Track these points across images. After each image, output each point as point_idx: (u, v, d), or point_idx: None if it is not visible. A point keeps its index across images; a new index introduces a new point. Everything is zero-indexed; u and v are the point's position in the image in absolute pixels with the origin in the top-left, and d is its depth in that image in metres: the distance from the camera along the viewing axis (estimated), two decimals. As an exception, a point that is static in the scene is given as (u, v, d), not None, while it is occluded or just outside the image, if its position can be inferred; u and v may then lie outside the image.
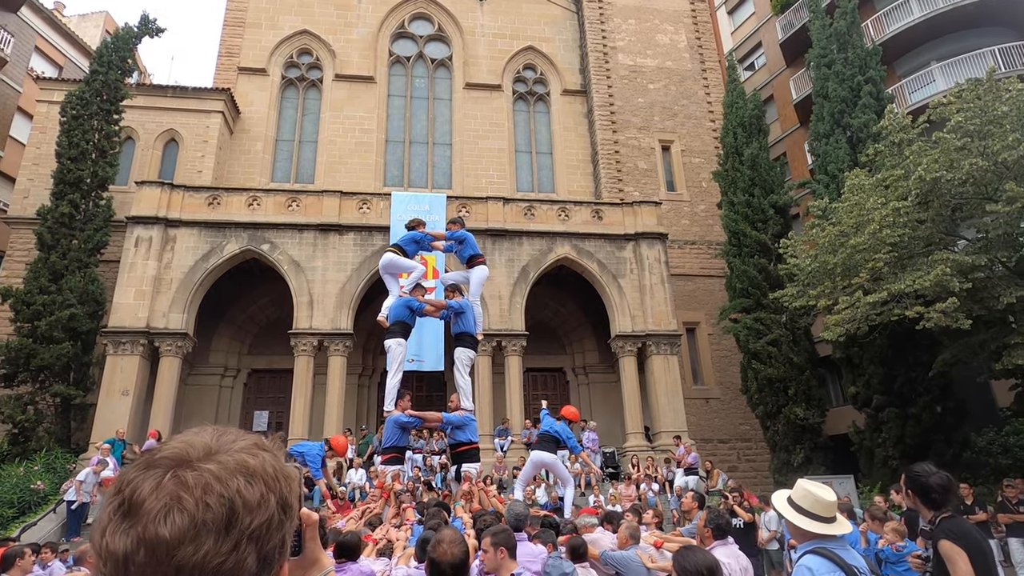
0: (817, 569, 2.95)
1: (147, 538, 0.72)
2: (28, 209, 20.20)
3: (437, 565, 3.03)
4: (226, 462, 0.80)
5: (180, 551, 0.72)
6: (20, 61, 25.09)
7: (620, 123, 25.93)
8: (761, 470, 20.90)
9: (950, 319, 12.17)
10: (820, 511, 3.22)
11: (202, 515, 0.74)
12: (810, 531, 3.18)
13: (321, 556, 1.20)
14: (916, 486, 3.56)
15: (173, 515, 0.73)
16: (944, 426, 15.94)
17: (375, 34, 26.48)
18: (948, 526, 3.36)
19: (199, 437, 0.83)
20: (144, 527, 0.72)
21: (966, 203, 13.36)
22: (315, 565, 1.19)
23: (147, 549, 0.72)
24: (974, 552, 3.26)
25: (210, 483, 0.77)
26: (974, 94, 12.94)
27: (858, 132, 18.34)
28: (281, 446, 1.23)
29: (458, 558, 3.05)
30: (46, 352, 16.47)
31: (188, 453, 0.79)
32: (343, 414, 18.40)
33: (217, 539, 0.75)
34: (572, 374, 23.03)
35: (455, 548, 3.07)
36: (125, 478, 0.77)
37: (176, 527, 0.73)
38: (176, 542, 0.72)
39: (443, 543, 3.10)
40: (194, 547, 0.73)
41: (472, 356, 7.79)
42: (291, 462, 8.16)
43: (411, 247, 7.86)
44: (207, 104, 22.90)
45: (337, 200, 19.79)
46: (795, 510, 3.27)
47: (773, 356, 19.03)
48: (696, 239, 24.63)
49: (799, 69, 24.66)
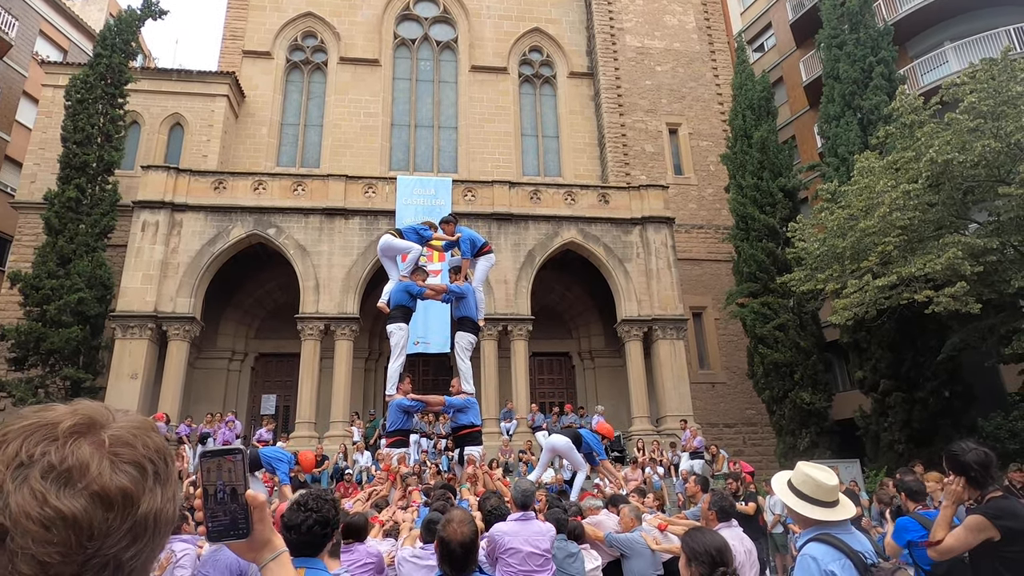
0: (822, 558, 2.88)
1: (106, 492, 0.74)
2: (35, 194, 20.26)
3: (447, 544, 3.08)
4: (135, 420, 0.83)
5: (144, 499, 0.76)
6: (25, 45, 25.03)
7: (627, 106, 25.67)
8: (767, 454, 20.93)
9: (960, 303, 12.06)
10: (822, 496, 3.13)
11: (149, 467, 0.79)
12: (812, 518, 3.11)
13: (272, 537, 1.20)
14: (955, 465, 3.43)
15: (124, 467, 0.76)
16: (951, 411, 15.88)
17: (380, 16, 26.24)
18: (996, 505, 3.23)
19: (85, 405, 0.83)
20: (101, 484, 0.74)
21: (978, 186, 13.18)
22: (266, 546, 1.19)
23: (106, 503, 0.74)
24: (1007, 536, 3.15)
25: (143, 438, 0.81)
26: (988, 74, 12.69)
27: (869, 114, 18.08)
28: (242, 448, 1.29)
29: (468, 537, 3.10)
30: (55, 336, 16.60)
31: (96, 418, 0.80)
32: (350, 397, 18.51)
33: (163, 487, 0.80)
34: (578, 358, 23.04)
35: (464, 527, 3.12)
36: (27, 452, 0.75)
37: (133, 477, 0.76)
38: (137, 491, 0.76)
39: (453, 523, 3.15)
40: (152, 496, 0.78)
41: (473, 340, 7.79)
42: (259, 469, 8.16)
43: (411, 236, 7.76)
44: (212, 88, 22.81)
45: (343, 184, 19.75)
46: (796, 495, 3.17)
47: (780, 340, 18.96)
48: (703, 223, 24.47)
49: (809, 50, 24.29)
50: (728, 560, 3.55)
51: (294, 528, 2.71)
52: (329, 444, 16.89)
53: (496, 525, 4.81)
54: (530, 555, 4.62)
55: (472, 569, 3.13)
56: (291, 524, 2.72)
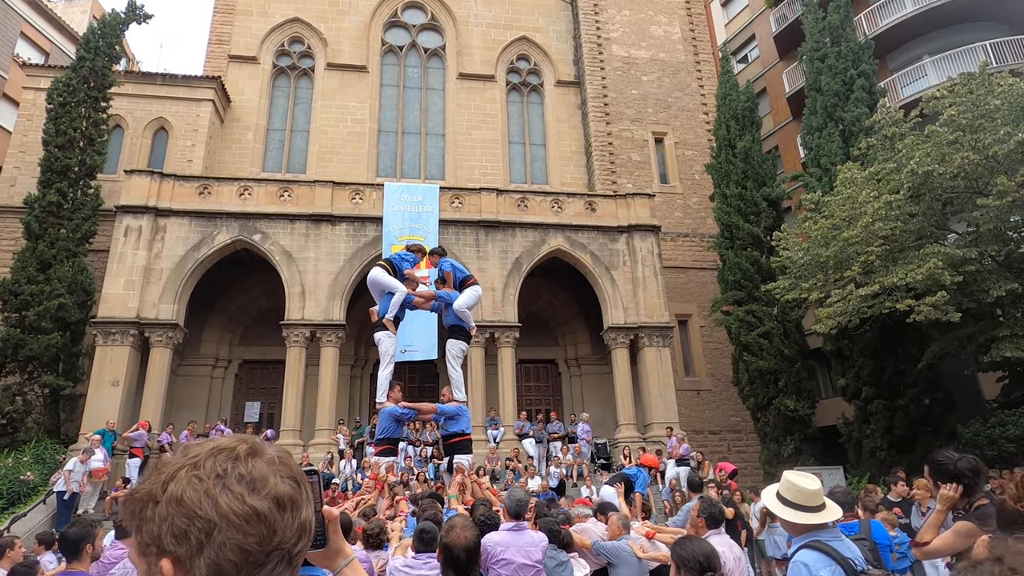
0: (813, 564, 2.94)
1: (281, 498, 0.93)
2: (15, 198, 19.92)
3: (451, 549, 3.16)
4: (277, 451, 1.01)
5: (303, 508, 0.96)
6: (5, 46, 24.67)
7: (614, 115, 25.89)
8: (751, 461, 21.08)
9: (940, 312, 12.28)
10: (805, 501, 3.24)
11: (298, 485, 0.98)
12: (800, 523, 3.19)
13: (343, 546, 1.38)
14: (945, 475, 3.43)
15: (287, 482, 0.96)
16: (932, 418, 16.14)
17: (367, 23, 26.24)
18: (985, 513, 3.23)
19: (243, 438, 1.02)
20: (276, 491, 0.93)
21: (957, 197, 13.46)
22: (339, 555, 1.38)
23: (281, 506, 0.93)
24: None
25: (288, 463, 1.00)
26: (966, 88, 12.99)
27: (851, 126, 18.40)
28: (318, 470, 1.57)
29: (471, 542, 3.20)
30: (34, 342, 16.29)
31: (257, 446, 0.99)
32: (335, 405, 18.36)
33: (307, 503, 0.99)
34: (564, 365, 23.08)
35: (467, 532, 3.23)
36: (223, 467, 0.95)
37: (295, 488, 0.97)
38: (298, 500, 0.96)
39: (455, 528, 3.26)
40: (306, 507, 0.97)
41: (464, 348, 7.76)
42: None
43: (403, 264, 7.57)
44: (197, 92, 22.63)
45: (329, 190, 19.66)
46: (783, 504, 3.27)
47: (764, 348, 19.16)
48: (689, 231, 24.69)
49: (792, 62, 24.69)
50: (716, 566, 3.61)
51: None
52: (315, 452, 16.73)
53: (488, 535, 4.76)
54: (522, 566, 4.57)
55: (476, 573, 3.21)
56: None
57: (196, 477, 0.92)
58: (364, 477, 13.65)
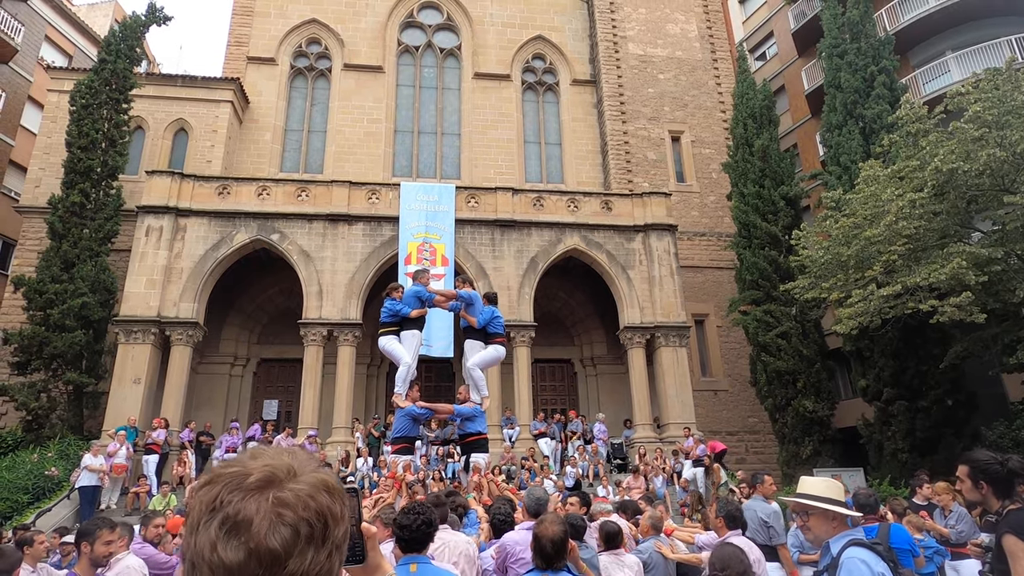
0: (871, 561, 2.92)
1: (259, 551, 0.81)
2: (40, 198, 20.30)
3: (540, 540, 3.51)
4: (311, 481, 0.89)
5: (291, 562, 0.82)
6: (31, 50, 25.14)
7: (630, 113, 25.76)
8: (769, 462, 20.86)
9: (964, 313, 12.06)
10: (838, 495, 3.27)
11: (304, 528, 0.84)
12: (844, 513, 3.21)
13: (382, 562, 1.37)
14: (990, 476, 3.26)
15: (280, 529, 0.83)
16: (954, 419, 15.85)
17: (384, 23, 26.36)
18: (1017, 519, 3.10)
19: (277, 459, 0.91)
20: (256, 542, 0.81)
21: (982, 195, 13.20)
22: (378, 570, 1.37)
23: (259, 561, 0.81)
24: None
25: (306, 500, 0.86)
26: (992, 84, 12.75)
27: (871, 123, 18.14)
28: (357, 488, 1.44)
29: (559, 536, 3.52)
30: (59, 340, 16.59)
31: (276, 474, 0.88)
32: (352, 403, 18.48)
33: (317, 549, 0.85)
34: (580, 365, 23.03)
35: (555, 527, 3.55)
36: (221, 498, 0.85)
37: (284, 540, 0.82)
38: (286, 554, 0.82)
39: (545, 522, 3.61)
40: (301, 558, 0.83)
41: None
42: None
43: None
44: (216, 94, 22.89)
45: (346, 190, 19.78)
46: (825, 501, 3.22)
47: (783, 349, 18.95)
48: (706, 231, 24.50)
49: (811, 59, 24.39)
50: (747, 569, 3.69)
51: (406, 528, 3.32)
52: (331, 450, 16.85)
53: (507, 534, 4.76)
54: None
55: (563, 563, 3.56)
56: (404, 525, 3.34)
57: (200, 500, 0.86)
58: (380, 475, 13.73)
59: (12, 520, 12.87)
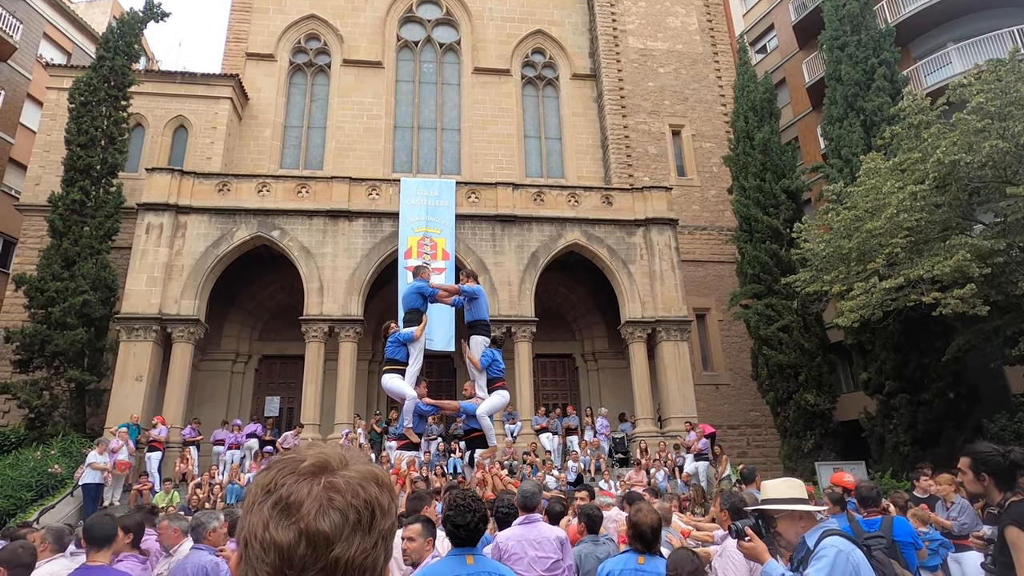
0: (846, 548, 3.03)
1: (309, 532, 0.84)
2: (40, 196, 20.27)
3: (638, 526, 3.78)
4: (362, 471, 0.93)
5: (338, 546, 0.85)
6: (29, 48, 25.07)
7: (630, 107, 25.68)
8: (771, 456, 20.90)
9: (967, 305, 12.04)
10: (799, 494, 3.42)
11: (353, 515, 0.88)
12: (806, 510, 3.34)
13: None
14: (992, 468, 3.24)
15: (330, 513, 0.86)
16: (956, 412, 15.85)
17: (383, 18, 26.26)
18: (1020, 511, 3.09)
19: (331, 449, 0.95)
20: (306, 523, 0.85)
21: (984, 187, 13.16)
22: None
23: (308, 542, 0.84)
24: None
25: (356, 488, 0.90)
26: (994, 75, 12.68)
27: (872, 115, 18.07)
28: None
29: (656, 522, 3.79)
30: (60, 338, 16.60)
31: (329, 462, 0.92)
32: (354, 400, 18.50)
33: (364, 536, 0.88)
34: (581, 360, 23.03)
35: (651, 515, 3.81)
36: (276, 480, 0.90)
37: (333, 523, 0.86)
38: (334, 537, 0.85)
39: (642, 510, 3.87)
40: (348, 543, 0.86)
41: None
42: None
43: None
44: (215, 90, 22.83)
45: (346, 186, 19.75)
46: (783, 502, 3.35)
47: (784, 342, 18.94)
48: (707, 224, 24.46)
49: (812, 52, 24.30)
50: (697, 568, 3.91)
51: (463, 526, 3.42)
52: (334, 446, 16.85)
53: (501, 533, 4.73)
54: (537, 559, 4.46)
55: (659, 546, 3.82)
56: (460, 523, 3.43)
57: (257, 482, 0.92)
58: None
59: (16, 517, 12.92)
